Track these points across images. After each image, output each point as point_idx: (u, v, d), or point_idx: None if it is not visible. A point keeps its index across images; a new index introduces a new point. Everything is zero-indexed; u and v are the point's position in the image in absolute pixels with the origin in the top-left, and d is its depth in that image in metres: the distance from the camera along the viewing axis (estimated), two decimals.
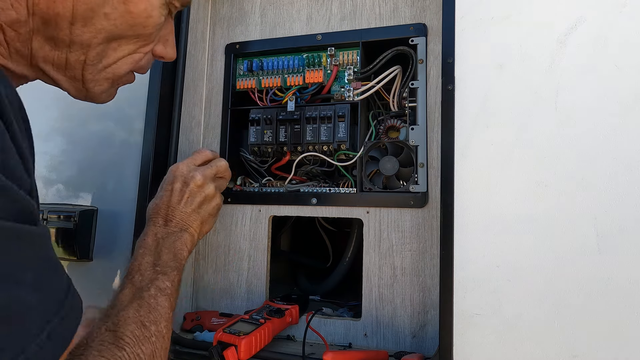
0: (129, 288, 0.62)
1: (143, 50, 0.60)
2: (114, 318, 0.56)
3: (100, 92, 0.61)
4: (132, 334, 0.55)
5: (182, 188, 0.75)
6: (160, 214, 0.73)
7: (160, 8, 0.57)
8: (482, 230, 0.67)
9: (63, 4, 0.50)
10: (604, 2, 0.66)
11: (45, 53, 0.53)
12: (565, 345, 0.62)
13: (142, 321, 0.57)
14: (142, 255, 0.68)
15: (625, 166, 0.62)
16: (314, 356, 0.77)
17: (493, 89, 0.69)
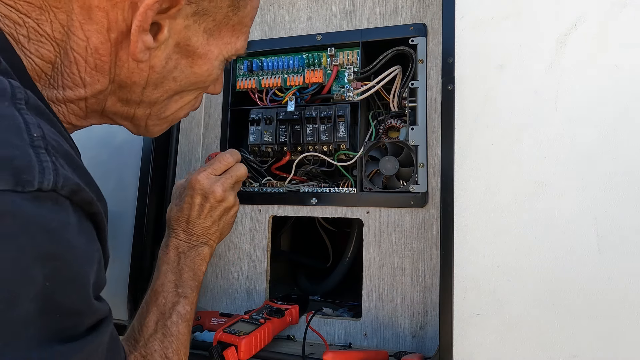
0: (153, 312, 0.68)
1: (200, 97, 0.66)
2: (141, 350, 0.64)
3: (159, 131, 0.66)
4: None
5: (202, 202, 0.76)
6: (181, 226, 0.76)
7: (220, 65, 0.61)
8: (482, 230, 0.67)
9: (140, 74, 0.54)
10: (604, 2, 0.66)
11: (117, 109, 0.58)
12: (565, 345, 0.62)
13: (166, 353, 0.64)
14: (164, 272, 0.72)
15: (625, 166, 0.62)
16: (314, 356, 0.77)
17: (493, 89, 0.69)
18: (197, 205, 0.76)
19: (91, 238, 0.42)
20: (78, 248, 0.38)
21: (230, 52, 0.61)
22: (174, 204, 0.78)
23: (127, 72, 0.53)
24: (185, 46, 0.55)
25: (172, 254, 0.73)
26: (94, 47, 0.50)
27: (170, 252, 0.74)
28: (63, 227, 0.36)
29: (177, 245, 0.74)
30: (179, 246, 0.74)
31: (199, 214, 0.76)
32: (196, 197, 0.76)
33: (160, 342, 0.65)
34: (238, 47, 0.62)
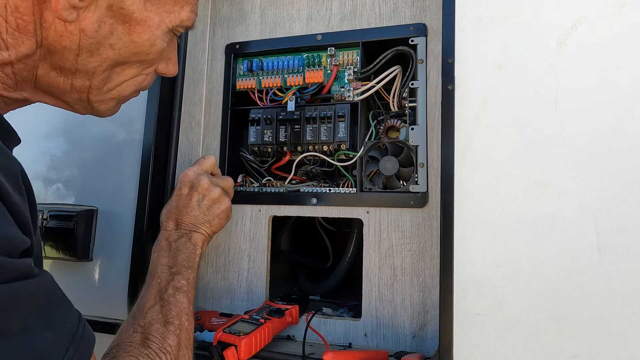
0: (150, 292, 0.68)
1: (146, 72, 0.63)
2: (140, 320, 0.62)
3: (106, 109, 0.63)
4: (157, 332, 0.60)
5: (190, 192, 0.80)
6: (171, 218, 0.78)
7: (163, 36, 0.59)
8: (482, 230, 0.67)
9: (70, 38, 0.51)
10: (604, 2, 0.66)
11: (51, 79, 0.55)
12: (565, 345, 0.62)
13: (165, 319, 0.63)
14: (157, 258, 0.73)
15: (625, 166, 0.62)
16: (314, 356, 0.76)
17: (493, 89, 0.69)
18: (184, 195, 0.79)
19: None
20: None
21: (175, 22, 0.59)
22: (165, 207, 0.82)
23: (55, 34, 0.50)
24: (119, 9, 0.53)
25: (163, 243, 0.75)
26: (14, 5, 0.47)
27: (162, 242, 0.75)
28: None
29: (167, 235, 0.76)
30: (169, 236, 0.76)
31: (187, 203, 0.79)
32: (184, 188, 0.80)
33: (158, 312, 0.64)
34: (183, 18, 0.60)
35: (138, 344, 0.58)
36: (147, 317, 0.63)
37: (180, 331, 0.63)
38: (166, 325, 0.62)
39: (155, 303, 0.65)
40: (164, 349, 0.59)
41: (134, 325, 0.62)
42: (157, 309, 0.64)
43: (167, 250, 0.74)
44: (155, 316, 0.63)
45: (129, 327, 0.62)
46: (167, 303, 0.65)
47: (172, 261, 0.72)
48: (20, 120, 1.09)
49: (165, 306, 0.65)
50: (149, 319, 0.62)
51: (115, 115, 0.99)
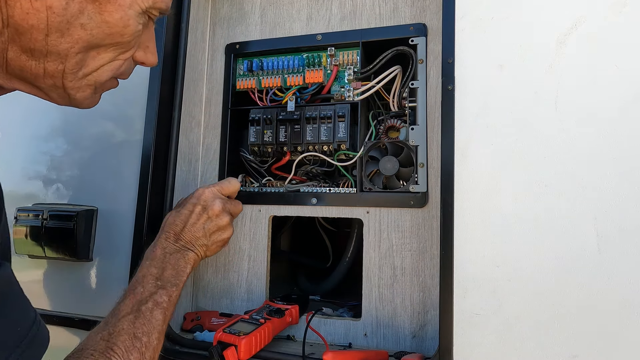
0: (129, 299, 0.66)
1: (123, 57, 0.61)
2: (110, 328, 0.61)
3: (84, 98, 0.61)
4: (122, 344, 0.59)
5: (201, 213, 0.80)
6: (174, 230, 0.77)
7: (137, 17, 0.58)
8: (482, 230, 0.67)
9: (37, 16, 0.50)
10: (604, 2, 0.66)
11: (22, 63, 0.53)
12: (565, 345, 0.62)
13: (135, 333, 0.61)
14: (147, 266, 0.72)
15: (625, 166, 0.62)
16: (314, 356, 0.77)
17: (493, 89, 0.69)
18: (195, 213, 0.79)
19: None
20: None
21: (147, 4, 0.58)
22: (174, 210, 0.81)
23: (20, 12, 0.49)
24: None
25: (158, 252, 0.74)
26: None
27: (157, 250, 0.74)
28: None
29: (164, 245, 0.75)
30: (166, 247, 0.75)
31: (195, 222, 0.78)
32: (197, 207, 0.79)
33: (131, 323, 0.62)
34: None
35: (100, 353, 0.57)
36: (118, 325, 0.61)
37: (146, 349, 0.61)
38: (134, 340, 0.60)
39: (131, 312, 0.64)
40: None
41: (102, 332, 0.60)
42: (130, 319, 0.63)
43: (161, 260, 0.73)
44: (126, 326, 0.61)
45: (97, 333, 0.60)
46: (143, 316, 0.64)
47: (160, 273, 0.71)
48: (21, 120, 1.09)
49: (139, 319, 0.63)
50: (119, 327, 0.61)
51: (115, 115, 0.99)
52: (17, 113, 1.09)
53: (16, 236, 0.98)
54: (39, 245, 0.95)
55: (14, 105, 1.09)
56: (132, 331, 0.61)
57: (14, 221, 0.98)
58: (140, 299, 0.66)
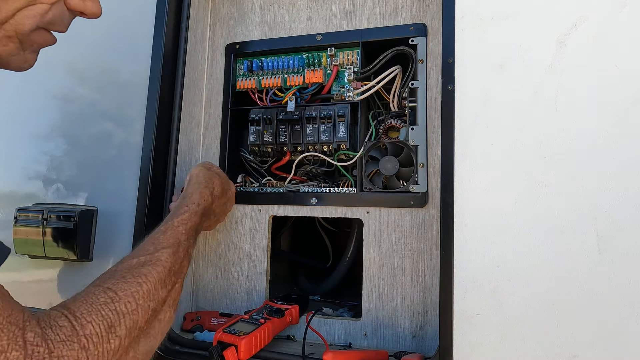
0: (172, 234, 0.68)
1: (46, 1, 0.52)
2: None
3: (7, 54, 0.52)
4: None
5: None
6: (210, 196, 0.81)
7: None
8: (482, 230, 0.67)
9: None
10: (604, 2, 0.66)
11: None
12: (565, 345, 0.62)
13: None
14: (197, 224, 0.74)
15: (625, 166, 0.62)
16: (314, 356, 0.76)
17: (493, 89, 0.69)
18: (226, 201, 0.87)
19: None
20: None
21: None
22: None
23: None
24: None
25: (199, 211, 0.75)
26: None
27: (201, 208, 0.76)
28: None
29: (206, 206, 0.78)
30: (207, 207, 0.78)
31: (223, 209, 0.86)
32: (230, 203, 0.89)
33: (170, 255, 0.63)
34: None
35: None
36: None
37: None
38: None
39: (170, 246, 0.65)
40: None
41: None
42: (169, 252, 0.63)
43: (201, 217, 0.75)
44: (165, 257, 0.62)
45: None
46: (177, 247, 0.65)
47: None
48: (21, 119, 1.09)
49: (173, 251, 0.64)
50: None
51: (115, 115, 0.99)
52: (17, 113, 1.09)
53: (16, 236, 0.98)
54: (39, 245, 0.95)
55: (14, 105, 1.09)
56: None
57: (14, 221, 0.98)
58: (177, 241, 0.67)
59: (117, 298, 0.51)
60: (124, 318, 0.50)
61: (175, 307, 0.63)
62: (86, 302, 0.49)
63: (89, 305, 0.48)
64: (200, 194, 0.77)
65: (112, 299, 0.50)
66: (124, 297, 0.52)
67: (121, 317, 0.50)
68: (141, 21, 0.93)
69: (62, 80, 0.63)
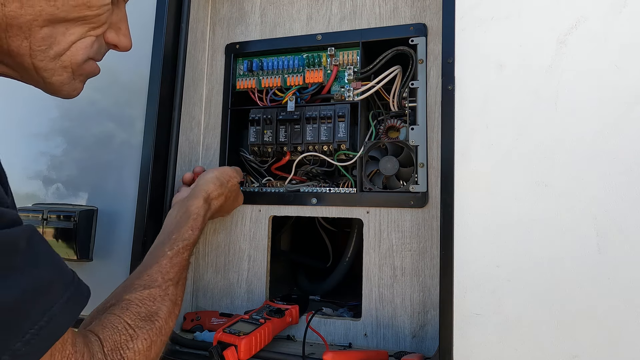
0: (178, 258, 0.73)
1: (93, 34, 0.58)
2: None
3: (60, 83, 0.58)
4: None
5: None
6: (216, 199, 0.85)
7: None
8: (482, 230, 0.67)
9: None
10: (604, 2, 0.66)
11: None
12: (565, 345, 0.62)
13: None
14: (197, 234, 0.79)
15: (625, 166, 0.62)
16: (314, 356, 0.76)
17: (493, 88, 0.69)
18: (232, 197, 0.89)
19: None
20: None
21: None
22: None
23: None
24: None
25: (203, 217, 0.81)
26: None
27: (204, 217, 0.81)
28: None
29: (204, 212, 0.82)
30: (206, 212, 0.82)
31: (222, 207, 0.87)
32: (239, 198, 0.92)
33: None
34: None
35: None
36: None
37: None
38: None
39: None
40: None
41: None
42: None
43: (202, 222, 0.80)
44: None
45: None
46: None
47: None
48: (21, 119, 1.09)
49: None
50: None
51: (115, 115, 0.99)
52: (17, 112, 1.09)
53: None
54: None
55: (14, 105, 1.09)
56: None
57: None
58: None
59: (135, 336, 0.58)
60: (139, 355, 0.57)
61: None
62: (112, 339, 0.56)
63: (113, 342, 0.55)
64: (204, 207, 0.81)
65: (131, 337, 0.57)
66: (141, 335, 0.58)
67: (137, 355, 0.57)
68: (141, 21, 0.93)
69: None
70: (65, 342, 0.48)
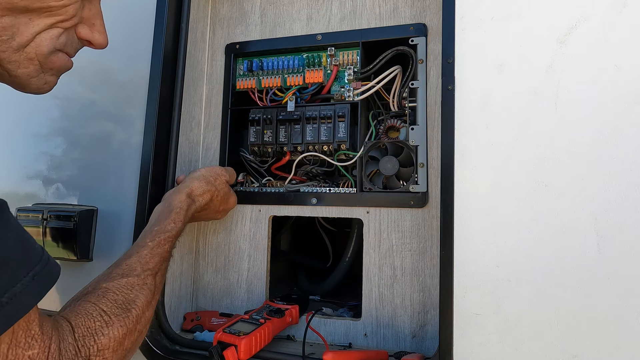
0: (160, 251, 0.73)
1: (61, 26, 0.56)
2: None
3: (27, 76, 0.55)
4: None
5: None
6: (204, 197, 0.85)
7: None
8: (482, 230, 0.67)
9: None
10: (604, 2, 0.66)
11: None
12: (565, 345, 0.62)
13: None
14: (179, 230, 0.78)
15: (625, 166, 0.62)
16: (314, 356, 0.76)
17: (493, 88, 0.69)
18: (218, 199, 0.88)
19: None
20: None
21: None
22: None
23: None
24: None
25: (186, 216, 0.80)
26: None
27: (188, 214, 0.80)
28: None
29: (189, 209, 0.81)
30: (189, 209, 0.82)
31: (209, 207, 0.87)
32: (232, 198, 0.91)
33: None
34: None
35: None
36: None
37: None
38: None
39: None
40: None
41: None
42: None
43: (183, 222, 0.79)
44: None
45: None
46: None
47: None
48: (21, 119, 1.09)
49: None
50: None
51: (115, 114, 0.99)
52: (17, 112, 1.09)
53: None
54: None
55: (14, 105, 1.09)
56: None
57: None
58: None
59: (110, 322, 0.57)
60: (114, 342, 0.56)
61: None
62: (85, 325, 0.55)
63: (86, 329, 0.55)
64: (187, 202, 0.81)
65: (106, 323, 0.56)
66: (116, 322, 0.58)
67: (112, 342, 0.56)
68: (141, 21, 0.93)
69: (62, 80, 0.63)
70: (31, 322, 0.47)
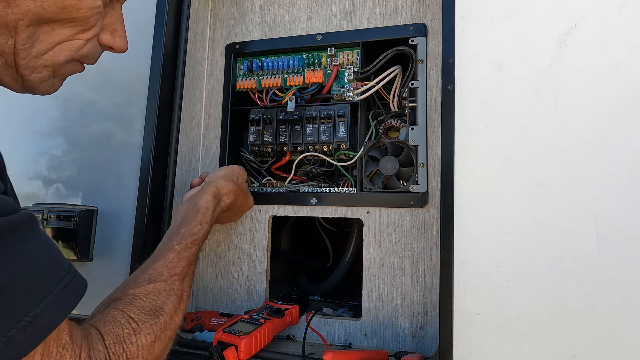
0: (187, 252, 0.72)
1: (83, 37, 0.57)
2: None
3: (39, 80, 0.57)
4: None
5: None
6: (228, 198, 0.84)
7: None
8: (482, 230, 0.67)
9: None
10: (604, 2, 0.66)
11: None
12: (565, 345, 0.62)
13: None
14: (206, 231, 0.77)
15: (625, 166, 0.62)
16: (314, 356, 0.76)
17: (493, 89, 0.69)
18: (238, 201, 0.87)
19: None
20: None
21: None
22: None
23: None
24: None
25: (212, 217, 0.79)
26: None
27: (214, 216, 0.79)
28: None
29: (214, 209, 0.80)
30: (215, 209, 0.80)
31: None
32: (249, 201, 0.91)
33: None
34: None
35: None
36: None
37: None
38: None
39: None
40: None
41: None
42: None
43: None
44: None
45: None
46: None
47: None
48: (21, 119, 1.09)
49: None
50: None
51: (115, 114, 0.99)
52: (17, 112, 1.09)
53: None
54: None
55: (14, 105, 1.09)
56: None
57: None
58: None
59: (138, 330, 0.56)
60: (143, 350, 0.55)
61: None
62: (114, 333, 0.54)
63: (115, 337, 0.54)
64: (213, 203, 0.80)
65: (134, 331, 0.55)
66: (144, 330, 0.57)
67: (140, 350, 0.55)
68: (141, 21, 0.93)
69: None
70: (62, 331, 0.47)
